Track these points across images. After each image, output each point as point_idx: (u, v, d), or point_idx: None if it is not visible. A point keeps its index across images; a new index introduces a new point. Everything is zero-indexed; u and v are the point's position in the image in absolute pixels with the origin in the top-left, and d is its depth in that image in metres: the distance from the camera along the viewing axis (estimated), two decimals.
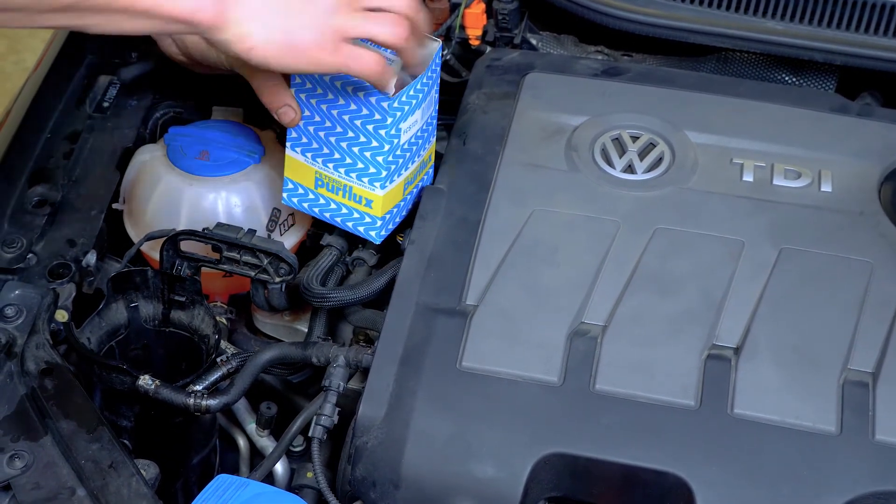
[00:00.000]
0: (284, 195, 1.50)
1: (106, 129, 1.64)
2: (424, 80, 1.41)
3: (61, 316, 1.39)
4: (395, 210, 1.48)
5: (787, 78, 1.73)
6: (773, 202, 1.46)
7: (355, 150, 1.41)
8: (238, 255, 1.43)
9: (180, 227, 1.49)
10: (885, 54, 1.64)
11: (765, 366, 1.29)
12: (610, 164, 1.51)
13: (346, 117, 1.40)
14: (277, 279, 1.44)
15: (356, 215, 1.46)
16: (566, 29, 1.81)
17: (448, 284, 1.37)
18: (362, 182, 1.43)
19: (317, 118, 1.43)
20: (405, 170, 1.45)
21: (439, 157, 1.56)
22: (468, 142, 1.54)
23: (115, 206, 1.57)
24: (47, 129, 1.63)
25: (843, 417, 1.25)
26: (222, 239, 1.42)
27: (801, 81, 1.73)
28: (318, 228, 1.58)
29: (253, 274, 1.44)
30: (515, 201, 1.45)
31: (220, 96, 1.70)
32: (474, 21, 1.77)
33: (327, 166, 1.44)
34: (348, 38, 1.25)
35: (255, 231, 1.44)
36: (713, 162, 1.51)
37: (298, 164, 1.46)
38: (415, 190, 1.51)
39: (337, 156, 1.43)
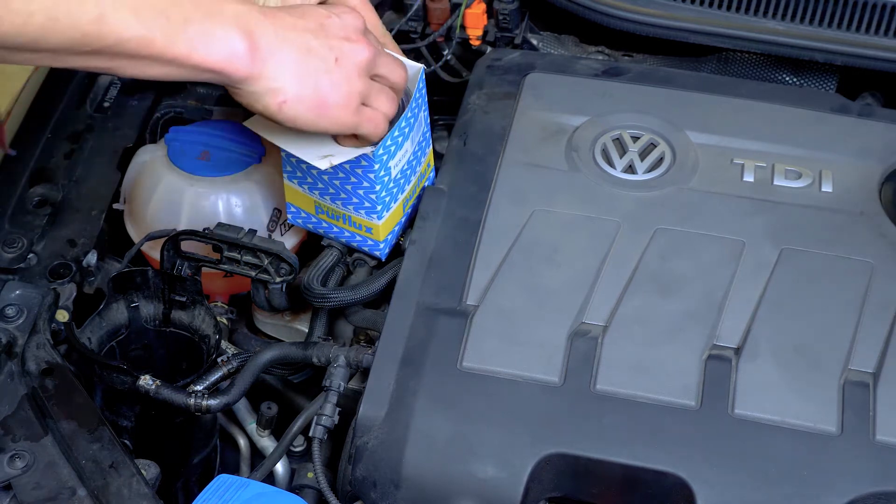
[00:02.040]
0: (289, 216, 1.51)
1: (107, 129, 1.64)
2: (408, 115, 1.40)
3: (62, 316, 1.39)
4: (397, 227, 1.49)
5: (787, 78, 1.73)
6: (773, 202, 1.46)
7: (348, 188, 1.41)
8: (239, 255, 1.43)
9: (181, 227, 1.49)
10: (886, 54, 1.64)
11: (765, 366, 1.29)
12: (611, 164, 1.51)
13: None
14: (278, 279, 1.44)
15: (359, 238, 1.47)
16: (567, 29, 1.81)
17: (448, 284, 1.37)
18: (360, 213, 1.43)
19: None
20: (401, 194, 1.46)
21: (440, 157, 1.56)
22: (469, 142, 1.54)
23: (115, 206, 1.57)
24: (48, 128, 1.63)
25: (843, 418, 1.25)
26: (223, 239, 1.42)
27: (802, 82, 1.73)
28: None
29: (253, 274, 1.44)
30: (516, 201, 1.45)
31: (222, 96, 1.70)
32: (475, 21, 1.77)
33: (324, 198, 1.44)
34: (365, 102, 1.29)
35: (256, 231, 1.44)
36: (714, 162, 1.51)
37: (298, 193, 1.47)
38: (416, 199, 1.51)
39: (332, 191, 1.43)
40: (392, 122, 1.36)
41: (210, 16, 1.13)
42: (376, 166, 1.37)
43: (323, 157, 1.34)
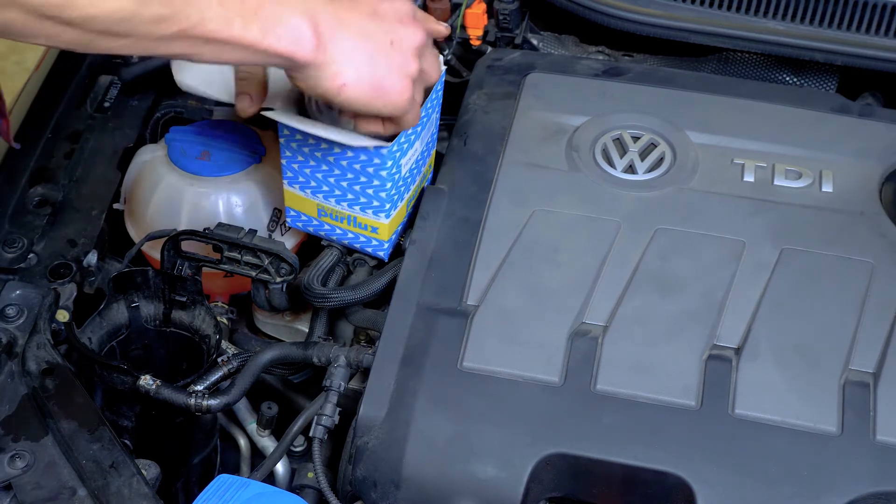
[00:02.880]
0: (288, 220, 1.51)
1: (107, 129, 1.64)
2: (422, 115, 1.40)
3: (62, 316, 1.39)
4: (400, 227, 1.49)
5: (788, 78, 1.73)
6: (773, 202, 1.46)
7: (356, 188, 1.42)
8: (239, 255, 1.43)
9: (181, 227, 1.49)
10: (886, 54, 1.64)
11: (766, 366, 1.29)
12: (611, 164, 1.51)
13: (343, 162, 1.40)
14: (278, 279, 1.44)
15: (363, 239, 1.47)
16: (567, 29, 1.81)
17: (449, 284, 1.37)
18: (366, 213, 1.44)
19: (312, 162, 1.42)
20: (407, 193, 1.47)
21: (440, 157, 1.56)
22: (469, 142, 1.54)
23: (115, 206, 1.57)
24: (48, 128, 1.63)
25: (843, 418, 1.25)
26: (223, 239, 1.42)
27: (802, 82, 1.73)
28: None
29: (254, 274, 1.44)
30: (516, 201, 1.45)
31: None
32: (475, 21, 1.77)
33: (328, 200, 1.45)
34: (415, 84, 1.30)
35: (256, 231, 1.44)
36: (714, 162, 1.51)
37: (299, 197, 1.47)
38: (409, 208, 1.51)
39: (338, 192, 1.43)
40: None
41: (279, 2, 1.17)
42: (389, 163, 1.38)
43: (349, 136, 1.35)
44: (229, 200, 1.51)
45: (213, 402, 1.34)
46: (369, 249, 1.48)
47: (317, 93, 1.25)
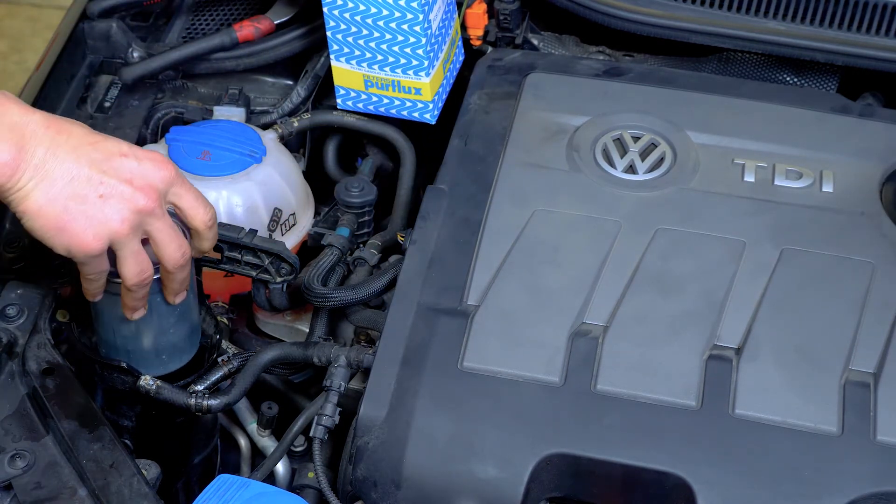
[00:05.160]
0: (339, 101, 1.66)
1: (107, 129, 1.64)
2: None
3: (62, 315, 1.39)
4: (441, 89, 1.63)
5: (788, 78, 1.73)
6: (774, 202, 1.46)
7: (395, 48, 1.58)
8: (239, 255, 1.43)
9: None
10: (887, 55, 1.64)
11: (766, 366, 1.29)
12: (611, 164, 1.51)
13: (380, 23, 1.57)
14: (279, 279, 1.44)
15: (409, 104, 1.62)
16: (568, 29, 1.81)
17: (449, 284, 1.37)
18: (408, 75, 1.58)
19: (353, 29, 1.59)
20: (441, 52, 1.61)
21: (440, 157, 1.56)
22: (469, 142, 1.54)
23: None
24: None
25: (844, 418, 1.25)
26: (223, 239, 1.42)
27: (803, 82, 1.73)
28: (320, 228, 1.58)
29: (254, 274, 1.44)
30: (517, 202, 1.45)
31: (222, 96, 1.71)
32: (476, 21, 1.77)
33: (373, 68, 1.59)
34: (115, 248, 1.23)
35: (257, 231, 1.44)
36: (715, 162, 1.51)
37: (345, 71, 1.62)
38: (452, 65, 1.68)
39: (380, 57, 1.60)
40: None
41: None
42: (420, 17, 1.55)
43: None
44: (229, 200, 1.51)
45: (213, 402, 1.34)
46: (416, 114, 1.64)
47: (11, 210, 1.22)
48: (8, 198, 1.19)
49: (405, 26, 1.56)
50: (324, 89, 1.74)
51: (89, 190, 1.19)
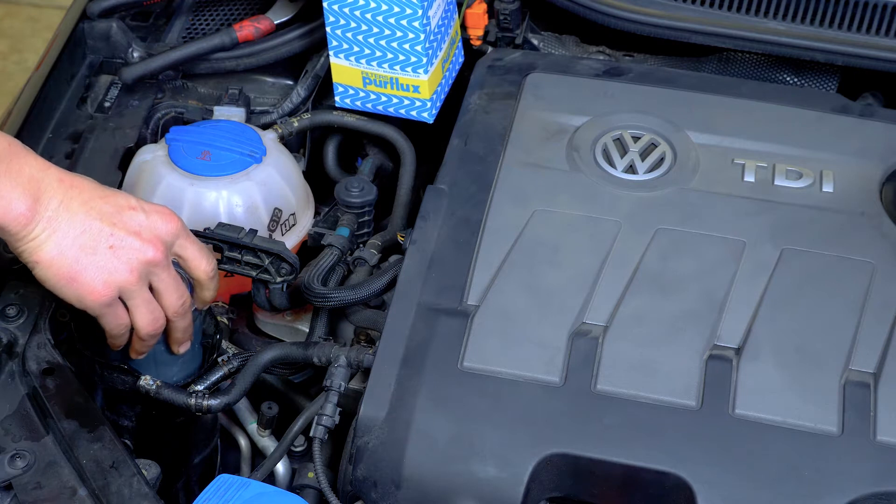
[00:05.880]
0: (337, 99, 1.66)
1: (107, 129, 1.64)
2: None
3: (62, 315, 1.39)
4: (440, 88, 1.63)
5: (788, 78, 1.73)
6: (774, 202, 1.46)
7: (394, 44, 1.57)
8: (239, 255, 1.43)
9: None
10: (887, 55, 1.64)
11: (766, 366, 1.29)
12: (611, 164, 1.51)
13: (379, 18, 1.57)
14: (279, 279, 1.44)
15: (406, 102, 1.62)
16: (568, 29, 1.81)
17: (449, 284, 1.37)
18: (406, 72, 1.58)
19: (353, 24, 1.59)
20: (440, 50, 1.60)
21: (440, 157, 1.56)
22: (470, 142, 1.54)
23: None
24: (49, 129, 1.63)
25: (844, 418, 1.25)
26: (224, 239, 1.42)
27: (803, 82, 1.73)
28: (320, 228, 1.58)
29: (254, 274, 1.44)
30: (517, 201, 1.45)
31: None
32: (476, 21, 1.77)
33: (371, 65, 1.59)
34: (125, 299, 1.27)
35: (257, 231, 1.44)
36: (715, 162, 1.51)
37: (344, 68, 1.62)
38: (451, 66, 1.68)
39: (378, 54, 1.60)
40: None
41: (8, 175, 1.20)
42: (419, 12, 1.55)
43: None
44: (230, 200, 1.51)
45: (213, 402, 1.34)
46: (414, 113, 1.63)
47: (23, 261, 1.25)
48: (21, 247, 1.23)
49: (404, 22, 1.57)
50: (324, 89, 1.74)
51: (100, 241, 1.24)
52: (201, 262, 1.32)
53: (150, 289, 1.28)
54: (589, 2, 1.71)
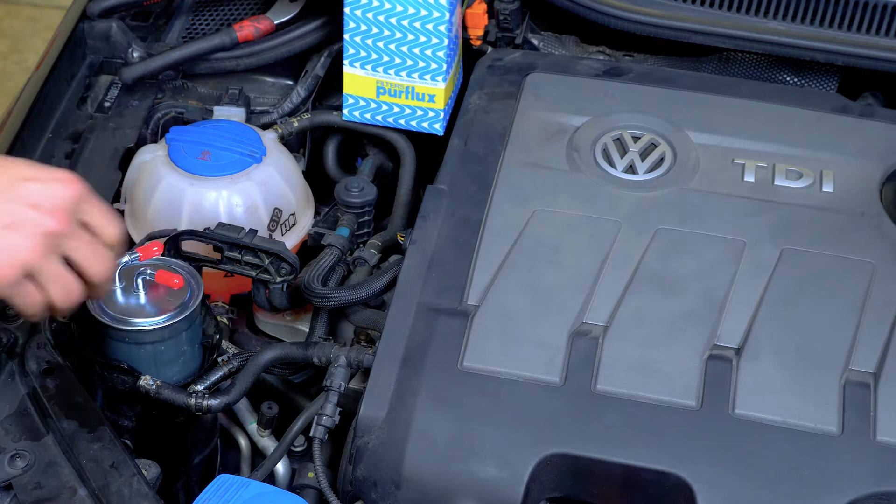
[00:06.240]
0: (346, 111, 1.66)
1: (107, 129, 1.64)
2: None
3: (63, 315, 1.39)
4: (450, 102, 1.62)
5: (788, 78, 1.73)
6: (774, 202, 1.46)
7: (415, 50, 1.56)
8: (239, 255, 1.43)
9: (181, 227, 1.48)
10: (887, 55, 1.64)
11: (766, 366, 1.29)
12: (611, 164, 1.51)
13: (403, 22, 1.57)
14: (279, 279, 1.44)
15: (419, 113, 1.61)
16: (568, 29, 1.81)
17: (449, 284, 1.37)
18: (424, 80, 1.58)
19: (374, 30, 1.59)
20: (454, 59, 1.61)
21: (440, 157, 1.56)
22: (470, 142, 1.54)
23: (116, 206, 1.57)
24: (49, 129, 1.63)
25: (844, 418, 1.25)
26: (224, 239, 1.42)
27: (803, 82, 1.73)
28: (320, 228, 1.58)
29: (254, 274, 1.44)
30: (517, 201, 1.45)
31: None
32: (476, 21, 1.77)
33: (388, 73, 1.59)
34: (35, 276, 1.20)
35: (257, 231, 1.44)
36: (715, 162, 1.51)
37: (358, 78, 1.61)
38: (457, 83, 1.68)
39: (398, 60, 1.60)
40: None
41: None
42: (446, 15, 1.55)
43: None
44: (230, 200, 1.51)
45: (213, 402, 1.34)
46: (426, 125, 1.63)
47: None
48: None
49: (430, 26, 1.56)
50: (324, 89, 1.74)
51: None
52: (108, 228, 1.23)
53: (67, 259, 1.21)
54: (589, 2, 1.71)
